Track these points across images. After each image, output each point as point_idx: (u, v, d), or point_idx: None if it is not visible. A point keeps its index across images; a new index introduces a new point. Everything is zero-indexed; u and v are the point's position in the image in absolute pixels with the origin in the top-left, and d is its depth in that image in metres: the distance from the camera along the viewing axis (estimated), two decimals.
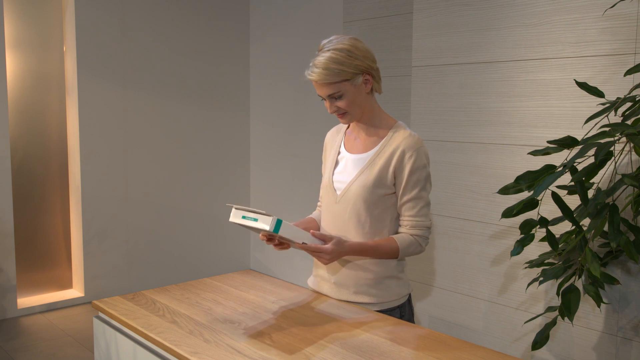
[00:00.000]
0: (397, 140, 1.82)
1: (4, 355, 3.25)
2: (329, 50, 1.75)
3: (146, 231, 4.33)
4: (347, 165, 1.88)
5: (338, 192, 1.87)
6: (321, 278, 1.93)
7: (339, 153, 1.93)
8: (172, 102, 4.39)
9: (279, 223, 1.62)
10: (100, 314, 1.85)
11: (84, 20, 3.94)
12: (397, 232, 1.87)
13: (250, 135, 4.83)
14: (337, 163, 1.92)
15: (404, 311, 1.89)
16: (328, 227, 1.90)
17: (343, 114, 1.82)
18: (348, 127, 1.97)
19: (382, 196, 1.81)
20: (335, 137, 1.99)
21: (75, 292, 4.21)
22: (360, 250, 1.80)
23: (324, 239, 1.75)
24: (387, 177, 1.80)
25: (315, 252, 1.74)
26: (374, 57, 1.83)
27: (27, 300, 4.01)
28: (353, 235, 1.84)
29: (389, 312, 1.85)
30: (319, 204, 2.09)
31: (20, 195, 3.98)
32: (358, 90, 1.80)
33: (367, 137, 1.88)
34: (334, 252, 1.74)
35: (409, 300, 1.93)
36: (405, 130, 1.84)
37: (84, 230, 4.05)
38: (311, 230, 1.75)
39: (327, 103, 1.82)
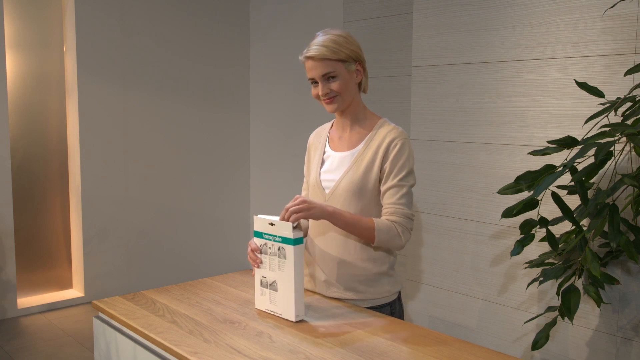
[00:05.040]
0: (383, 133, 1.84)
1: (4, 355, 3.25)
2: (327, 34, 1.82)
3: (146, 231, 4.33)
4: (333, 164, 1.89)
5: (327, 191, 1.88)
6: (311, 276, 1.93)
7: (324, 152, 1.94)
8: (172, 102, 4.39)
9: (300, 240, 1.64)
10: (100, 314, 1.85)
11: (84, 20, 3.94)
12: None
13: (250, 136, 4.83)
14: (322, 162, 1.93)
15: (394, 308, 1.89)
16: (317, 225, 1.91)
17: (333, 98, 1.82)
18: (331, 127, 1.98)
19: (371, 191, 1.82)
20: (319, 137, 2.00)
21: (75, 292, 4.21)
22: (337, 214, 1.74)
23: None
24: (375, 171, 1.81)
25: (292, 211, 1.66)
26: (363, 53, 1.88)
27: (27, 300, 4.01)
28: (344, 232, 1.84)
29: (379, 308, 1.85)
30: None
31: (20, 195, 3.98)
32: (350, 76, 1.83)
33: (352, 135, 1.89)
34: (308, 201, 1.69)
35: (399, 298, 1.94)
36: (390, 125, 1.87)
37: (84, 230, 4.05)
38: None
39: (319, 85, 1.81)
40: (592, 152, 1.97)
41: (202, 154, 4.59)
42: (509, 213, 2.09)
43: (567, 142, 1.97)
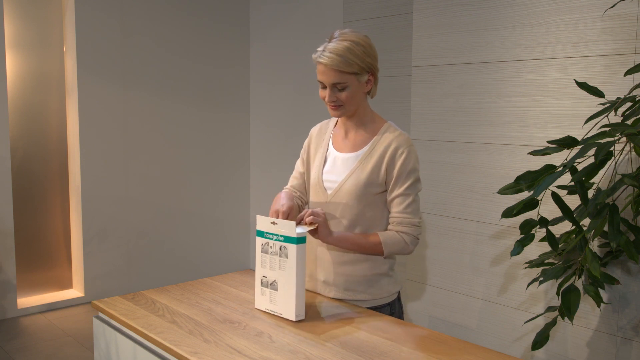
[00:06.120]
0: (389, 138, 1.82)
1: (4, 355, 3.25)
2: (345, 40, 1.74)
3: (146, 231, 4.33)
4: (336, 164, 1.87)
5: (329, 192, 1.86)
6: (311, 277, 1.93)
7: (326, 151, 1.92)
8: (172, 102, 4.39)
9: (302, 239, 1.65)
10: (100, 314, 1.85)
11: (84, 20, 3.94)
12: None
13: (250, 136, 4.83)
14: (325, 162, 1.91)
15: (394, 308, 1.89)
16: None
17: (339, 106, 1.80)
18: (335, 125, 1.96)
19: (374, 195, 1.81)
20: (322, 134, 1.97)
21: (75, 292, 4.21)
22: (343, 237, 1.79)
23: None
24: (379, 175, 1.80)
25: (307, 215, 1.72)
26: (378, 62, 1.84)
27: (27, 300, 4.01)
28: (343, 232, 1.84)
29: (378, 309, 1.85)
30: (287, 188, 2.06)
31: (20, 195, 3.98)
32: (360, 87, 1.79)
33: (357, 136, 1.87)
34: (324, 218, 1.74)
35: (399, 298, 1.94)
36: (396, 130, 1.85)
37: (84, 230, 4.05)
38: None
39: (327, 91, 1.79)
40: (592, 152, 1.97)
41: (202, 154, 4.59)
42: (509, 213, 2.09)
43: (567, 142, 1.97)
